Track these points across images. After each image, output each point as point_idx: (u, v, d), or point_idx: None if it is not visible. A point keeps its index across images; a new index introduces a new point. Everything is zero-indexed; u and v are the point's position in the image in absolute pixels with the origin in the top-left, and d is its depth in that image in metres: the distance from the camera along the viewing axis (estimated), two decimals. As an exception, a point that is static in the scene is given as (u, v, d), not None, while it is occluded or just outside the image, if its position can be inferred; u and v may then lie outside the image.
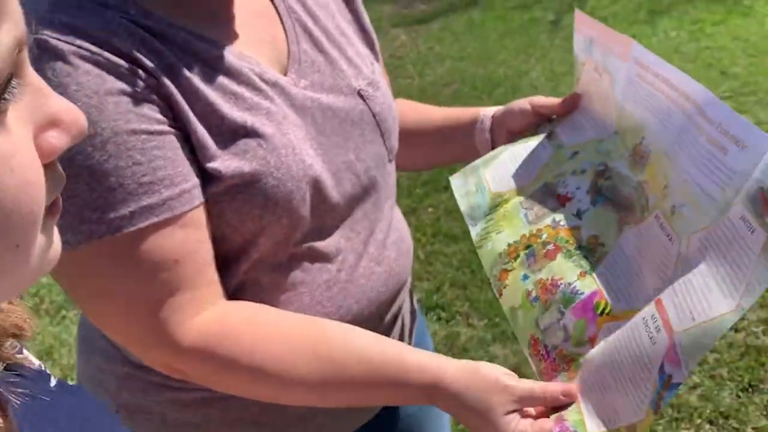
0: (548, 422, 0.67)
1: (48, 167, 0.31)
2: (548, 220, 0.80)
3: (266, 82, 0.72)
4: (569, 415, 0.67)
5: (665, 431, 1.92)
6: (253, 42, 0.74)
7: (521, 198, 0.85)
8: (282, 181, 0.70)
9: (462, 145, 0.97)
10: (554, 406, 0.68)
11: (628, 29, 4.84)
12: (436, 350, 1.01)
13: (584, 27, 0.85)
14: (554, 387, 0.69)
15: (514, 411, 0.67)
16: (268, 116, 0.71)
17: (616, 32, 0.79)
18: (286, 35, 0.78)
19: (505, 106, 0.95)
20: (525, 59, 4.69)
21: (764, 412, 1.93)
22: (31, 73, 0.31)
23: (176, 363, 0.68)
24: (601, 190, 0.77)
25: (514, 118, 0.92)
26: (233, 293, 0.74)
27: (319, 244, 0.77)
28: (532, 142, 0.90)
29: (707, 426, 1.92)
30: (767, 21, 4.50)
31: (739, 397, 1.99)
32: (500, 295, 0.81)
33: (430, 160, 1.07)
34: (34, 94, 0.31)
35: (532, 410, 0.69)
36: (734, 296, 0.55)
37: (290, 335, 0.70)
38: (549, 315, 0.75)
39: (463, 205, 0.92)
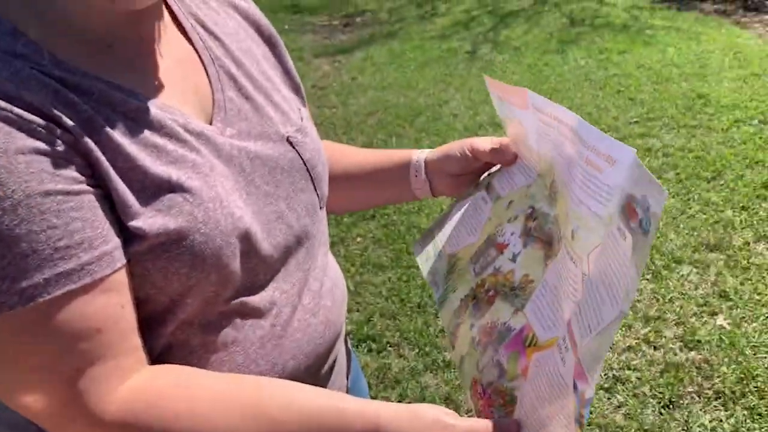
0: None
1: None
2: (490, 269, 0.83)
3: (190, 132, 0.69)
4: None
5: (594, 451, 1.97)
6: (176, 91, 0.71)
7: (470, 255, 0.88)
8: (210, 236, 0.66)
9: (397, 189, 0.97)
10: None
11: (541, 58, 5.05)
12: (369, 383, 1.00)
13: (493, 88, 0.89)
14: (502, 425, 0.70)
15: None
16: (193, 169, 0.67)
17: (513, 86, 0.82)
18: (210, 83, 0.75)
19: (440, 150, 0.94)
20: (444, 88, 4.80)
21: (685, 428, 2.01)
22: None
23: None
24: (530, 231, 0.80)
25: (453, 163, 0.92)
26: (159, 357, 0.69)
27: (251, 299, 0.73)
28: (475, 197, 0.93)
29: (633, 444, 1.98)
30: (668, 50, 4.79)
31: (662, 414, 2.06)
32: (453, 347, 0.83)
33: (363, 202, 1.07)
34: None
35: None
36: (618, 303, 0.58)
37: (223, 397, 0.66)
38: (486, 355, 0.77)
39: (425, 271, 0.93)
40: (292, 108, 0.83)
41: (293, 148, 0.79)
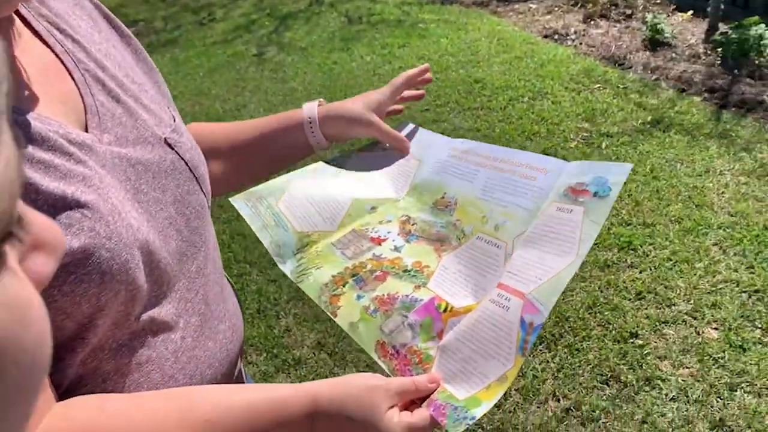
0: (423, 408, 0.72)
1: None
2: (369, 255, 0.92)
3: (73, 143, 0.65)
4: (437, 396, 0.75)
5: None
6: (47, 100, 0.66)
7: (330, 240, 0.95)
8: (116, 251, 0.63)
9: (292, 148, 1.02)
10: (423, 396, 0.74)
11: (328, 57, 5.19)
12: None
13: (412, 135, 1.10)
14: (421, 378, 0.75)
15: (392, 407, 0.71)
16: (84, 182, 0.63)
17: (442, 137, 1.08)
18: (78, 88, 0.70)
19: (337, 108, 1.02)
20: (239, 92, 4.75)
21: (521, 373, 2.24)
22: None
23: None
24: (410, 232, 0.95)
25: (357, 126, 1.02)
26: (68, 390, 0.65)
27: (159, 314, 0.71)
28: (320, 173, 1.03)
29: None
30: (441, 41, 5.18)
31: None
32: (335, 315, 0.87)
33: (255, 171, 1.06)
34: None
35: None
36: (572, 253, 0.78)
37: (153, 414, 0.64)
38: (392, 320, 0.83)
39: (265, 239, 0.95)
40: (162, 108, 0.81)
41: (172, 149, 0.77)
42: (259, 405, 0.68)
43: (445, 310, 0.82)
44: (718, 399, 2.09)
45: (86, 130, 0.69)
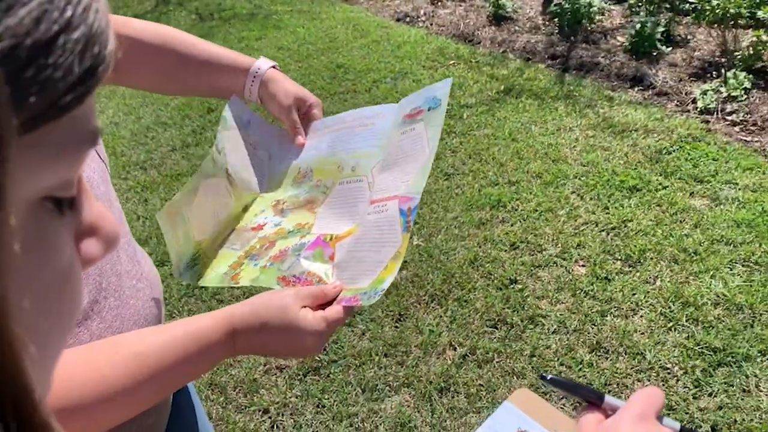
0: (335, 305, 0.80)
1: None
2: (255, 240, 0.99)
3: None
4: (343, 295, 0.84)
5: (354, 376, 2.20)
6: None
7: (217, 242, 1.01)
8: None
9: (218, 88, 1.05)
10: (331, 300, 0.83)
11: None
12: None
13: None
14: (326, 285, 0.83)
15: (305, 308, 0.77)
16: None
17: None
18: None
19: (274, 84, 1.05)
20: (95, 98, 4.54)
21: (417, 331, 2.36)
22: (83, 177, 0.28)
23: None
24: (283, 209, 1.03)
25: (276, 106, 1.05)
26: None
27: None
28: (216, 184, 1.05)
29: (384, 359, 2.27)
30: (298, 30, 5.23)
31: (397, 327, 2.39)
32: (238, 282, 0.93)
33: (180, 88, 1.09)
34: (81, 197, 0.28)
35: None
36: (425, 150, 0.90)
37: (85, 352, 0.66)
38: (288, 262, 0.92)
39: (172, 253, 0.97)
40: None
41: None
42: (181, 336, 0.71)
43: (331, 239, 0.92)
44: (593, 326, 2.32)
45: None
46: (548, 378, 0.58)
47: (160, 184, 3.43)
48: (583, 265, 2.60)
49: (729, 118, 3.42)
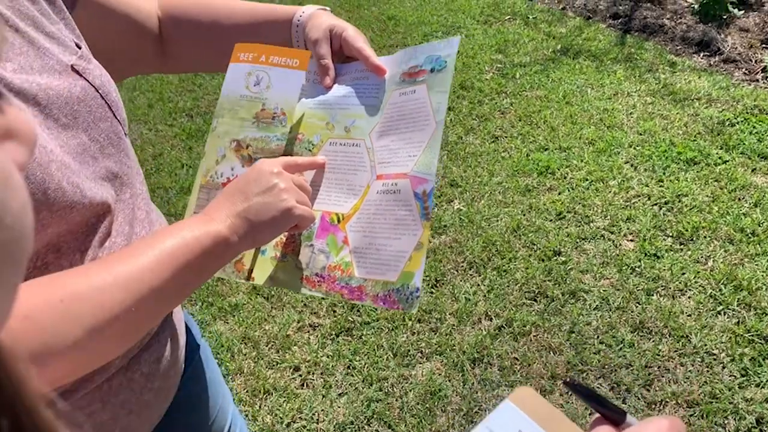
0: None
1: None
2: None
3: None
4: (375, 289, 0.81)
5: (387, 340, 2.18)
6: None
7: (191, 206, 0.95)
8: (30, 170, 0.62)
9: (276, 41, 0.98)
10: (303, 166, 0.86)
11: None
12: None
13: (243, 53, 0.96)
14: (302, 158, 0.87)
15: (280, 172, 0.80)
16: None
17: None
18: None
19: (315, 29, 0.94)
20: None
21: (453, 298, 2.32)
22: None
23: None
24: (250, 157, 0.91)
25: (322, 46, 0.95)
26: None
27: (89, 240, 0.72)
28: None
29: (417, 325, 2.23)
30: None
31: (433, 293, 2.35)
32: (252, 279, 0.88)
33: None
34: None
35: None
36: (431, 122, 0.83)
37: (82, 279, 0.64)
38: (303, 254, 0.87)
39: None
40: (66, 36, 0.77)
41: (81, 76, 0.75)
42: (167, 233, 0.71)
43: (339, 221, 0.86)
44: (637, 304, 2.23)
45: None
46: (574, 383, 0.53)
47: (205, 133, 3.42)
48: (631, 240, 2.49)
49: (802, 90, 3.20)
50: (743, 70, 3.44)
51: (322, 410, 2.01)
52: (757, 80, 3.35)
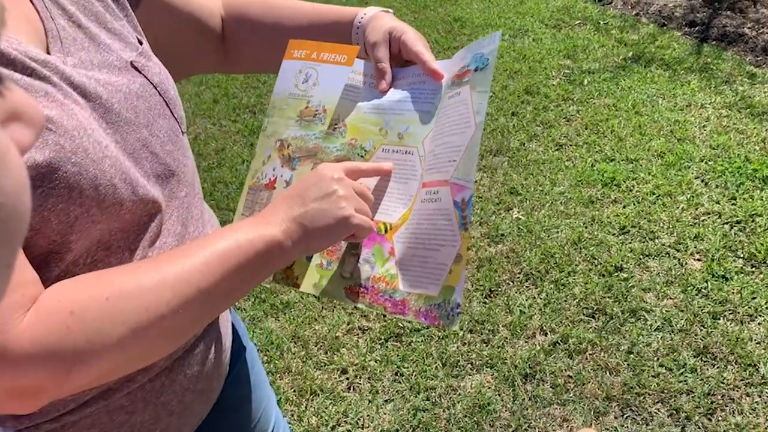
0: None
1: None
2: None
3: (35, 60, 0.63)
4: (418, 303, 0.78)
5: (436, 349, 2.14)
6: (10, 18, 0.63)
7: (239, 211, 0.94)
8: (83, 166, 0.62)
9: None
10: (364, 172, 0.84)
11: None
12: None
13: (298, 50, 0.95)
14: (366, 163, 0.84)
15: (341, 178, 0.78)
16: (47, 98, 0.62)
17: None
18: (38, 11, 0.67)
19: (375, 32, 0.91)
20: None
21: (507, 310, 2.26)
22: None
23: (21, 380, 0.56)
24: (290, 157, 0.90)
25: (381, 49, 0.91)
26: None
27: (138, 239, 0.71)
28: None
29: (469, 335, 2.19)
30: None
31: (486, 303, 2.29)
32: (298, 286, 0.86)
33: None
34: None
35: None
36: (471, 125, 0.78)
37: (130, 278, 0.64)
38: (348, 264, 0.84)
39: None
40: (128, 32, 0.78)
41: (140, 73, 0.75)
42: (219, 236, 0.70)
43: (386, 231, 0.83)
44: (702, 327, 2.12)
45: (48, 53, 0.67)
46: None
47: (265, 130, 3.45)
48: (698, 260, 2.38)
49: None
50: (830, 84, 3.24)
51: (368, 415, 1.99)
52: None
